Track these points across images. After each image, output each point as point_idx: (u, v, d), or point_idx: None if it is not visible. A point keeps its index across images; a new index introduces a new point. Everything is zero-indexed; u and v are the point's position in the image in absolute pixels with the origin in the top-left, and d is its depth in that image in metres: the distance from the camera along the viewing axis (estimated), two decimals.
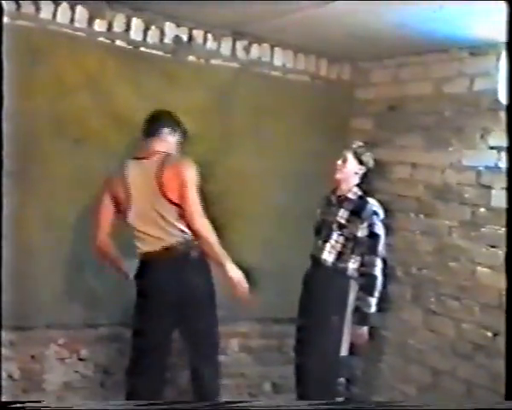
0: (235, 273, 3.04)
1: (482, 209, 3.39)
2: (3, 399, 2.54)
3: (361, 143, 3.54)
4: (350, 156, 3.45)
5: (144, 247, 3.15)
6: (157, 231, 3.10)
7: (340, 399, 3.33)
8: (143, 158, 3.17)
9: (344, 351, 3.33)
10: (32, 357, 3.59)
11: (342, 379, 3.36)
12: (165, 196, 3.07)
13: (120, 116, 3.58)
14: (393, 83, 3.96)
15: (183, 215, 3.08)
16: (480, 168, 3.40)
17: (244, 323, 4.09)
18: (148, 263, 3.16)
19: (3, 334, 3.40)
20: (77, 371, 3.68)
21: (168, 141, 3.24)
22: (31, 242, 3.50)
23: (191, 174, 3.10)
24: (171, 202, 3.07)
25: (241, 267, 3.07)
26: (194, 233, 3.08)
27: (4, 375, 3.49)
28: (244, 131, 3.90)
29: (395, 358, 3.86)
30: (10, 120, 3.19)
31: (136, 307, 3.17)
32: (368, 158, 3.51)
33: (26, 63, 3.34)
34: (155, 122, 3.25)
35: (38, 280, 3.52)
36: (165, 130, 3.24)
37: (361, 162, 3.46)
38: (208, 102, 3.80)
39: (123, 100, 3.61)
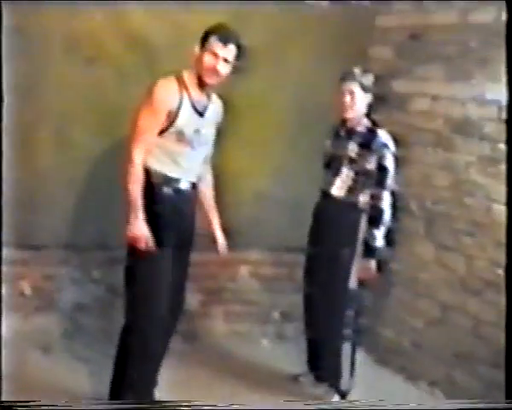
0: (132, 227, 2.77)
1: (502, 145, 3.31)
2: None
3: (360, 69, 3.30)
4: (357, 89, 3.25)
5: None
6: None
7: (348, 330, 3.35)
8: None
9: (353, 283, 3.32)
10: (45, 276, 3.64)
11: (350, 311, 3.36)
12: None
13: (134, 36, 3.51)
14: (417, 11, 3.80)
15: None
16: (503, 103, 3.30)
17: (255, 250, 4.10)
18: None
19: (17, 252, 3.47)
20: (88, 292, 3.73)
21: (195, 56, 2.80)
22: (43, 162, 3.50)
23: (152, 94, 2.73)
24: None
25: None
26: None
27: (16, 292, 3.56)
28: (260, 57, 3.78)
29: (405, 291, 3.85)
30: (22, 37, 3.22)
31: None
32: (370, 82, 3.31)
33: None
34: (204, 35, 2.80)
35: (51, 201, 3.54)
36: (212, 39, 2.77)
37: (367, 90, 3.29)
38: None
39: (137, 20, 3.52)
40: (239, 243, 3.96)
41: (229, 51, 2.80)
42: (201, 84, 2.84)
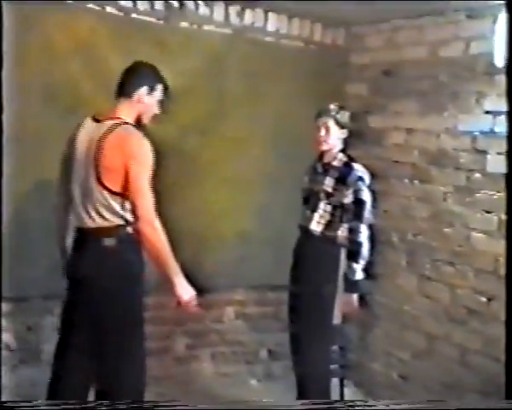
0: (183, 292, 2.73)
1: (477, 174, 3.37)
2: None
3: (336, 106, 3.38)
4: (331, 124, 3.35)
5: (77, 221, 2.81)
6: (91, 209, 2.72)
7: (335, 366, 3.35)
8: (102, 120, 2.75)
9: (337, 319, 3.33)
10: (29, 328, 3.61)
11: (336, 347, 3.36)
12: (98, 178, 2.66)
13: (112, 84, 3.53)
14: (388, 47, 3.90)
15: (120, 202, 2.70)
16: (476, 133, 3.37)
17: (240, 290, 4.11)
18: (77, 239, 2.84)
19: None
20: None
21: (144, 102, 2.79)
22: (26, 212, 3.49)
23: (142, 154, 2.66)
24: (104, 187, 2.66)
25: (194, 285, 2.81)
26: (140, 232, 2.68)
27: (1, 345, 3.52)
28: (237, 98, 3.86)
29: (390, 324, 3.88)
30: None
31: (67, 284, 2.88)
32: (346, 119, 3.39)
33: (16, 31, 3.30)
34: (131, 79, 2.80)
35: (34, 251, 3.51)
36: (142, 89, 2.77)
37: (342, 126, 3.37)
38: (201, 69, 3.76)
39: (115, 68, 3.53)
40: (223, 284, 3.98)
41: None
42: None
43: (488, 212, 3.30)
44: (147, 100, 2.80)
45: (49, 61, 3.41)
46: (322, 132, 3.35)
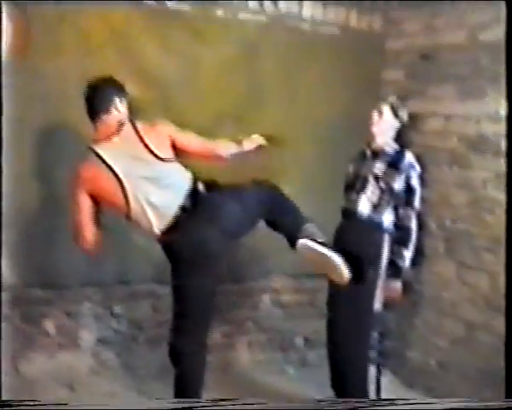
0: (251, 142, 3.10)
1: None
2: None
3: (395, 98, 3.46)
4: (386, 109, 3.39)
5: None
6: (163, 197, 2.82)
7: (373, 352, 3.33)
8: (110, 137, 2.84)
9: (377, 305, 3.31)
10: (68, 314, 3.66)
11: (375, 333, 3.34)
12: (157, 157, 2.81)
13: (148, 73, 3.56)
14: (426, 32, 3.84)
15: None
16: None
17: (276, 278, 4.11)
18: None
19: (40, 292, 3.50)
20: (110, 328, 3.75)
21: (120, 111, 2.91)
22: (63, 201, 3.52)
23: (168, 125, 2.95)
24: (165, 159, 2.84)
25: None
26: (207, 158, 3.02)
27: (41, 331, 3.58)
28: (273, 86, 3.85)
29: (429, 311, 3.84)
30: (40, 81, 3.29)
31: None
32: (403, 113, 3.45)
33: (51, 22, 3.33)
34: (101, 96, 2.90)
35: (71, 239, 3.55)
36: (116, 100, 2.90)
37: (397, 116, 3.41)
38: (236, 57, 3.76)
39: (150, 56, 3.58)
40: (259, 272, 3.98)
41: None
42: None
43: None
44: (121, 108, 2.92)
45: (85, 50, 3.43)
46: (376, 115, 3.38)
